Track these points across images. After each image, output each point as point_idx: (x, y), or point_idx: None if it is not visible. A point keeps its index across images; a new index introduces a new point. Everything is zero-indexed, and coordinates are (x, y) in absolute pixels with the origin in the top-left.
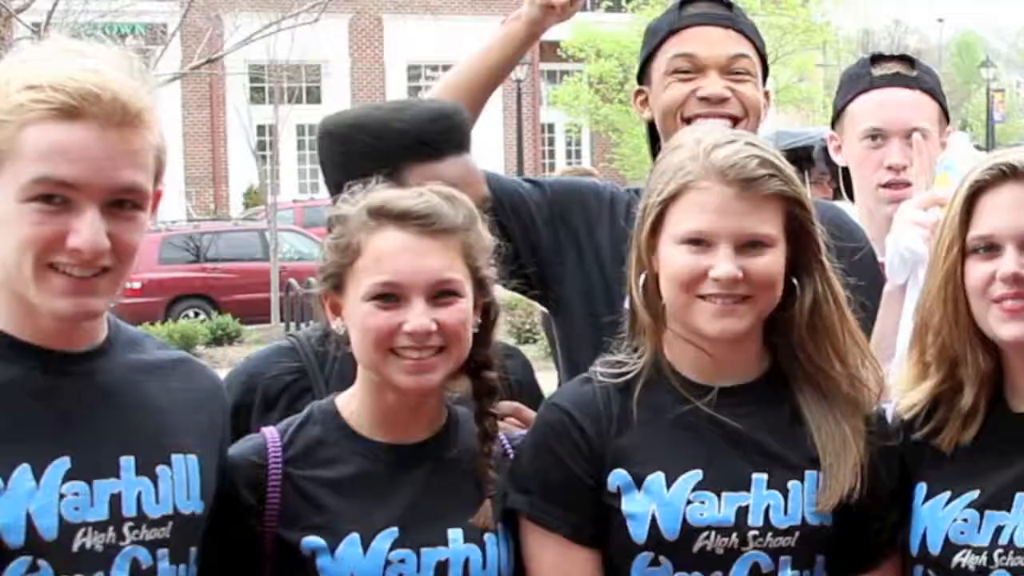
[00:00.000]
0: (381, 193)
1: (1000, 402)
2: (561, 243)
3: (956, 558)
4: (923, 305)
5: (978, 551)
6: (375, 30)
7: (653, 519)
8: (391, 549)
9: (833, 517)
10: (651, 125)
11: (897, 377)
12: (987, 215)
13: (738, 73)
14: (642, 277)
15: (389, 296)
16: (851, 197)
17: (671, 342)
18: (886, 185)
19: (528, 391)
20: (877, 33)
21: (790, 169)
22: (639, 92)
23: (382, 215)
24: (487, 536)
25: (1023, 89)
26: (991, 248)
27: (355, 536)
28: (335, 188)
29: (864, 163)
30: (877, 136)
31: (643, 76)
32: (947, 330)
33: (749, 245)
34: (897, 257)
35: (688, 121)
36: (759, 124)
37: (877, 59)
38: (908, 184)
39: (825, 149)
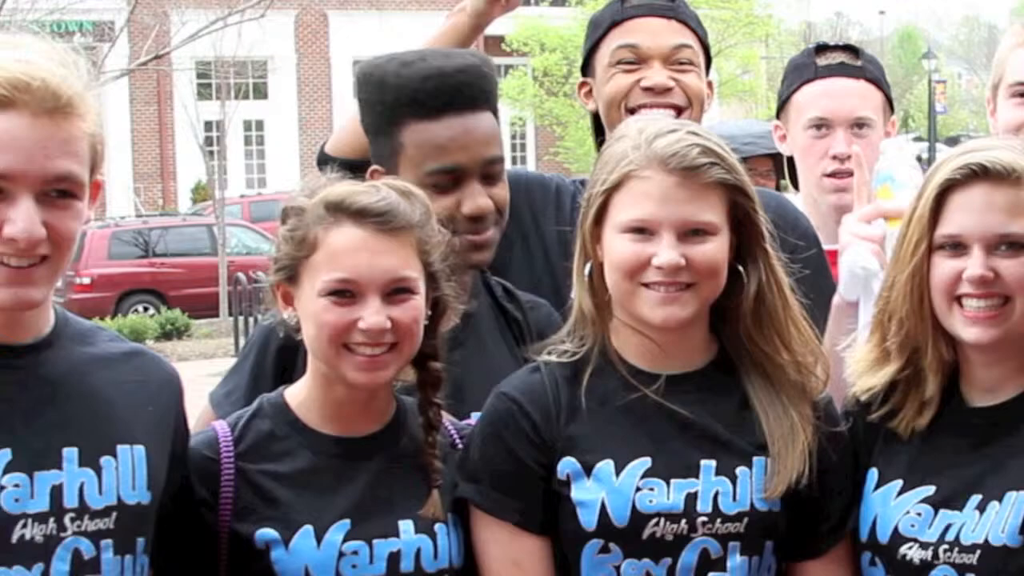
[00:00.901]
0: (339, 188)
1: (956, 394)
2: (507, 234)
3: (902, 549)
4: (887, 295)
5: (924, 545)
6: (320, 25)
7: (603, 506)
8: (344, 541)
9: (782, 503)
10: (596, 116)
11: (853, 361)
12: (956, 214)
13: (681, 63)
14: (587, 266)
15: (345, 292)
16: (796, 186)
17: (617, 330)
18: (831, 174)
19: None
20: (819, 26)
21: (733, 157)
22: (583, 84)
23: (340, 211)
24: (438, 526)
25: (965, 80)
26: (958, 247)
27: (308, 528)
28: (366, 131)
29: (809, 152)
30: (822, 126)
31: (587, 68)
32: (912, 321)
33: (691, 233)
34: (849, 274)
35: (633, 111)
36: (703, 113)
37: (822, 49)
38: (852, 173)
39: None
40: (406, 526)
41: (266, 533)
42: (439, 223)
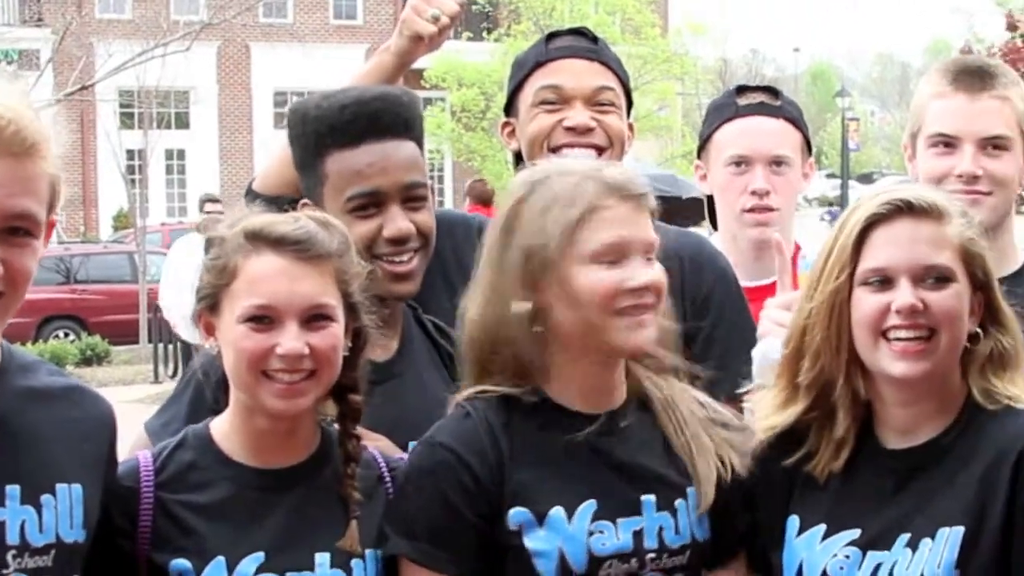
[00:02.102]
0: (259, 217)
1: (871, 436)
2: (430, 272)
3: None
4: (799, 333)
5: None
6: (243, 57)
7: (561, 555)
8: (256, 573)
9: (710, 530)
10: (518, 156)
11: (760, 406)
12: (881, 248)
13: (603, 104)
14: (526, 310)
15: (263, 319)
16: (715, 225)
17: (556, 372)
18: (750, 210)
19: None
20: (735, 62)
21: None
22: (507, 124)
23: (259, 239)
24: (354, 562)
25: (878, 118)
26: (884, 281)
27: (221, 560)
28: (296, 167)
29: (728, 189)
30: (741, 163)
31: (510, 108)
32: (827, 358)
33: (648, 258)
34: (761, 361)
35: (555, 151)
36: (623, 154)
37: (742, 90)
38: (771, 209)
39: None
40: (322, 559)
41: (180, 563)
42: (361, 250)
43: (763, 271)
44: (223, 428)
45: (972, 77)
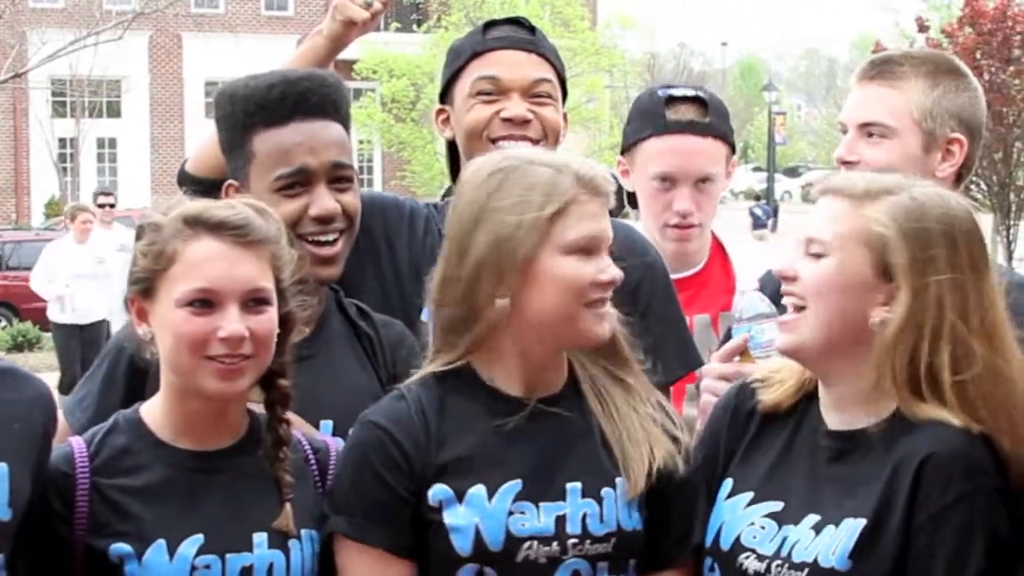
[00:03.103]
0: (196, 203)
1: (817, 412)
2: (361, 254)
3: (740, 559)
4: None
5: (761, 557)
6: (174, 47)
7: (477, 531)
8: (197, 555)
9: (642, 520)
10: (451, 144)
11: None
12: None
13: (540, 96)
14: (502, 298)
15: (204, 302)
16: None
17: (490, 356)
18: (673, 226)
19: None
20: (663, 56)
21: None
22: (441, 111)
23: (198, 224)
24: (291, 542)
25: (804, 112)
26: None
27: (161, 543)
28: (222, 149)
29: (653, 201)
30: (667, 179)
31: (446, 96)
32: None
33: (612, 251)
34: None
35: (493, 142)
36: (558, 145)
37: (672, 101)
38: (694, 226)
39: None
40: (260, 540)
41: (120, 547)
42: (287, 229)
43: (682, 267)
44: (154, 412)
45: (870, 67)
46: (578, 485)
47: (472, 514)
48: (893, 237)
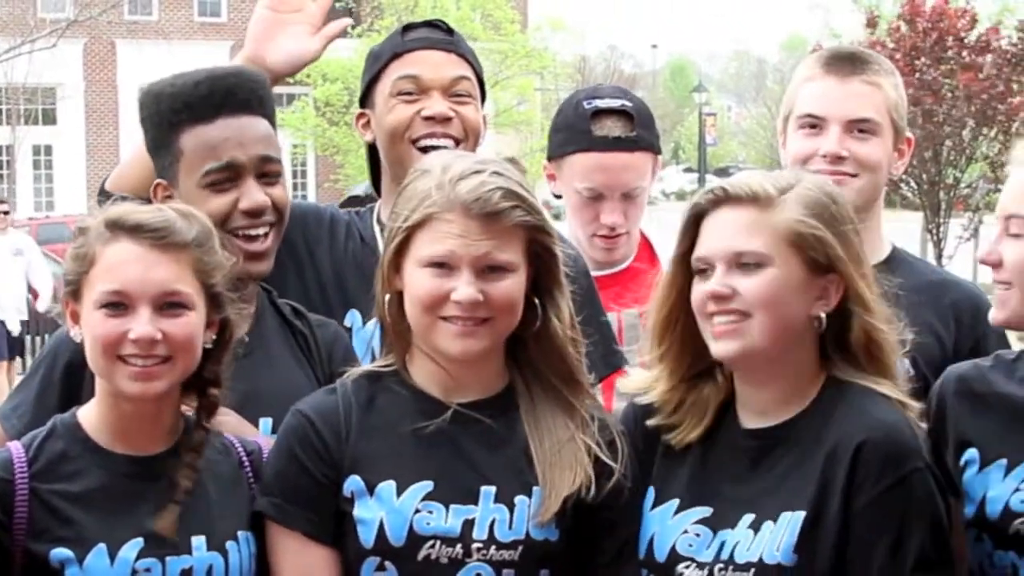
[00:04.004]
0: (121, 206)
1: (731, 415)
2: (282, 261)
3: (679, 568)
4: (658, 321)
5: (701, 565)
6: (108, 54)
7: (381, 525)
8: (137, 558)
9: (560, 532)
10: (372, 148)
11: (641, 372)
12: (703, 237)
13: (460, 95)
14: (387, 296)
15: (117, 304)
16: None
17: (415, 358)
18: (601, 236)
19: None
20: (593, 59)
21: (533, 197)
22: (362, 115)
23: (118, 227)
24: (229, 544)
25: (734, 113)
26: (708, 268)
27: (102, 547)
28: (148, 149)
29: (580, 211)
30: (593, 193)
31: (366, 100)
32: (677, 342)
33: (490, 270)
34: None
35: (414, 142)
36: (477, 145)
37: (598, 115)
38: (622, 235)
39: None
40: (198, 542)
41: (60, 552)
42: (216, 225)
43: (610, 264)
44: (90, 416)
45: (843, 62)
46: (492, 490)
47: (379, 508)
48: (813, 231)
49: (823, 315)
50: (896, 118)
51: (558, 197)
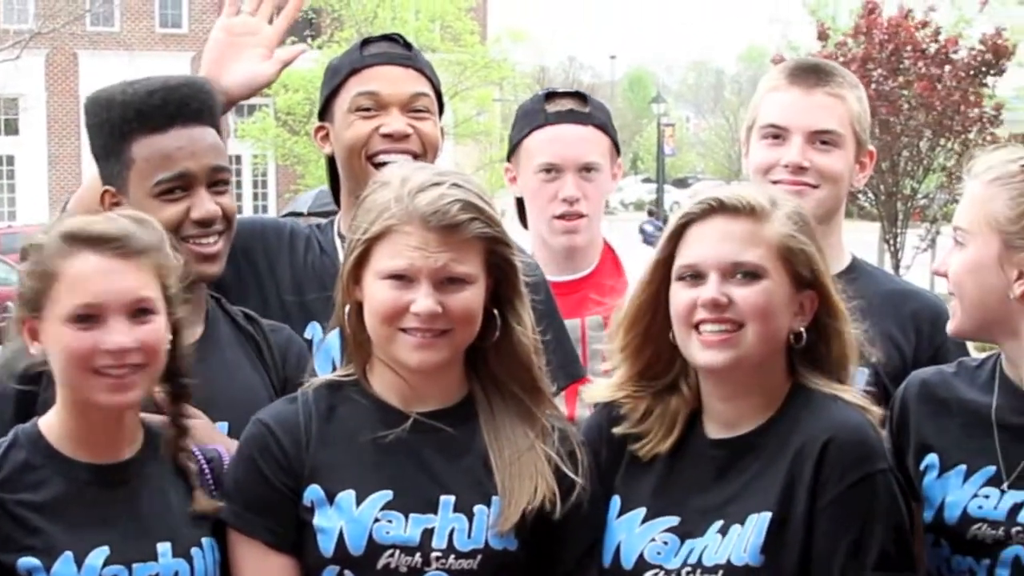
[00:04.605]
0: (74, 220)
1: (698, 425)
2: (243, 277)
3: (647, 575)
4: (627, 322)
5: (668, 572)
6: (71, 65)
7: (341, 534)
8: (104, 566)
9: (519, 542)
10: (331, 160)
11: (604, 381)
12: (693, 245)
13: (418, 111)
14: (347, 307)
15: (89, 317)
16: (525, 224)
17: (374, 368)
18: (560, 216)
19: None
20: (552, 69)
21: (492, 209)
22: (321, 128)
23: (77, 240)
24: (194, 550)
25: (693, 124)
26: (696, 276)
27: (68, 555)
28: (96, 156)
29: (539, 195)
30: (552, 170)
31: (325, 113)
32: (649, 348)
33: (449, 282)
34: None
35: (372, 157)
36: (436, 159)
37: (551, 96)
38: (581, 215)
39: None
40: (164, 549)
41: (28, 561)
42: (168, 233)
43: (573, 268)
44: (52, 425)
45: (808, 73)
46: (451, 499)
47: (339, 517)
48: (801, 246)
49: (803, 330)
50: (859, 130)
51: (520, 203)
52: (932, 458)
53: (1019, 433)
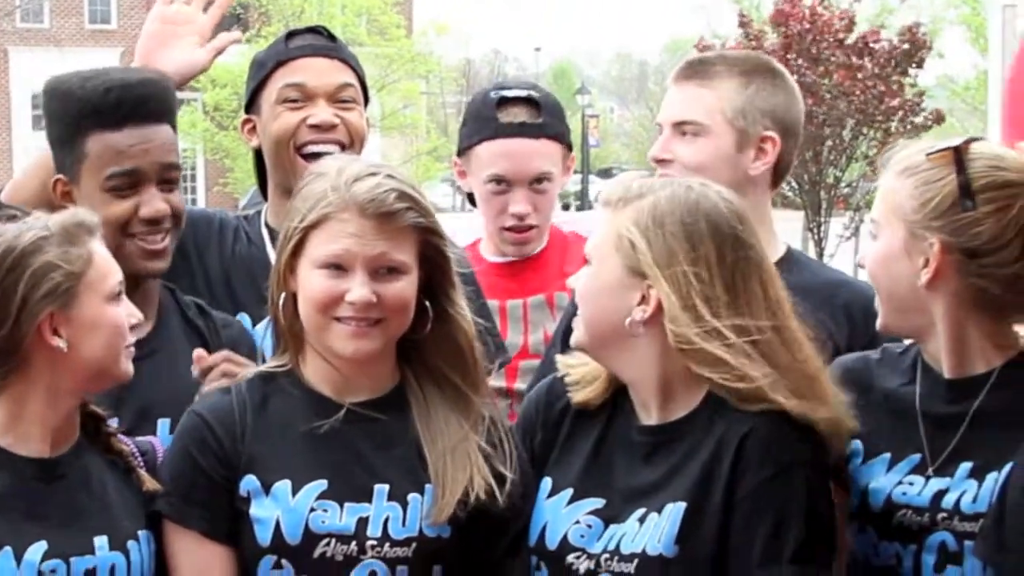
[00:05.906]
0: (62, 215)
1: (627, 408)
2: (174, 267)
3: (569, 558)
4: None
5: (591, 556)
6: (1, 61)
7: (277, 524)
8: (42, 560)
9: (452, 529)
10: (258, 153)
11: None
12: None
13: (345, 101)
14: (282, 297)
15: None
16: (474, 203)
17: (307, 358)
18: (509, 228)
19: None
20: (478, 62)
21: (426, 200)
22: (247, 121)
23: (83, 228)
24: (130, 543)
25: (617, 115)
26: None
27: (8, 550)
28: (51, 143)
29: (489, 204)
30: (502, 182)
31: (251, 106)
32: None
33: (384, 272)
34: None
35: (300, 148)
36: (362, 149)
37: (503, 103)
38: (531, 227)
39: None
40: (101, 542)
41: None
42: (116, 229)
43: (517, 251)
44: None
45: (686, 68)
46: (385, 487)
47: (275, 507)
48: (637, 240)
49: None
50: (733, 118)
51: (470, 197)
52: (856, 445)
53: (942, 421)
